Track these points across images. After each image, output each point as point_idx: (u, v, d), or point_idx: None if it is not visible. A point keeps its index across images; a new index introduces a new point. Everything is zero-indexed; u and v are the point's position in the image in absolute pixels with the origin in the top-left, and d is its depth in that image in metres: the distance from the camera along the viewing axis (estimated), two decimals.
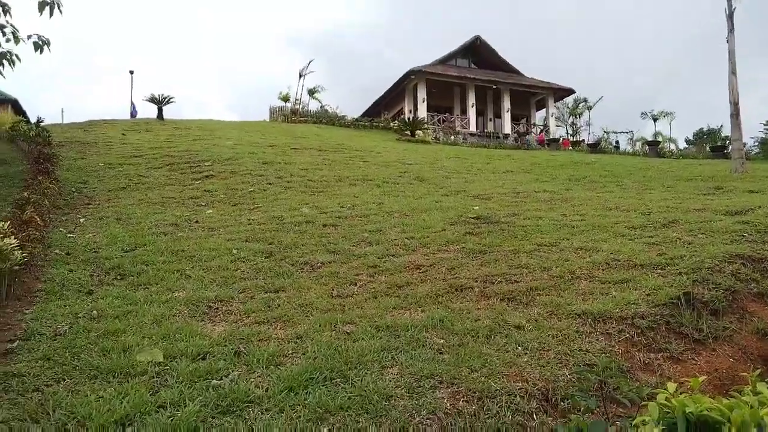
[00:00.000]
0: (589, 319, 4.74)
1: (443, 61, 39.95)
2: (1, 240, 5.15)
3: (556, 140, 35.66)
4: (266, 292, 5.81)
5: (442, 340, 4.36)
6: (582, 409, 3.38)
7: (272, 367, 3.99)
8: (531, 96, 42.29)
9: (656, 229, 7.68)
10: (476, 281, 5.80)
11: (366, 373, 3.82)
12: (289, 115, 35.93)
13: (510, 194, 11.47)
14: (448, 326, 4.63)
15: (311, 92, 39.29)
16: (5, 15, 11.43)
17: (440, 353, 4.15)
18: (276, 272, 6.47)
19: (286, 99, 38.30)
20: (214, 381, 3.76)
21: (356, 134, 28.97)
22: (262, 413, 3.35)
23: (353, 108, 76.96)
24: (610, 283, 5.58)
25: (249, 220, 9.21)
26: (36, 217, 7.61)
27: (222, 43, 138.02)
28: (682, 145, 48.38)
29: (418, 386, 3.65)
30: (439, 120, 37.57)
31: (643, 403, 2.64)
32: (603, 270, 5.99)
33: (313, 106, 39.10)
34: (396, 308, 5.17)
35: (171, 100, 29.47)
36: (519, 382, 3.74)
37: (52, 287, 5.93)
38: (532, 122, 42.79)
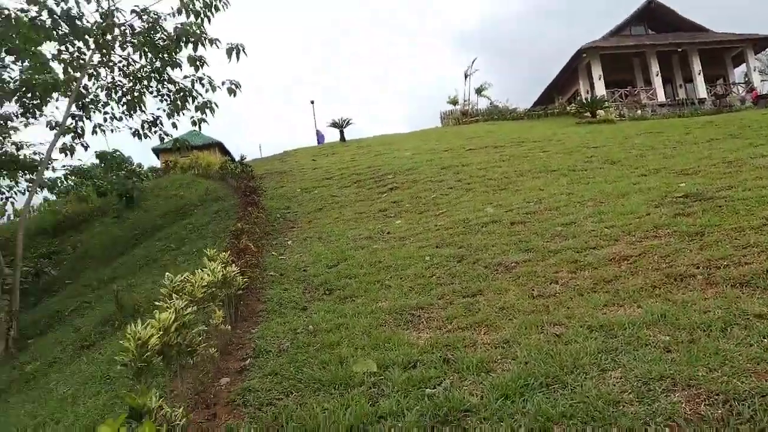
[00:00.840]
0: None
1: (616, 32, 36.97)
2: (224, 269, 5.77)
3: (765, 97, 30.96)
4: (464, 297, 5.78)
5: (667, 337, 3.92)
6: None
7: (483, 374, 3.92)
8: (725, 52, 37.22)
9: None
10: (698, 268, 5.15)
11: (585, 378, 3.56)
12: (460, 117, 36.00)
13: (720, 165, 10.13)
14: (672, 321, 4.16)
15: (479, 91, 38.95)
16: (202, 68, 13.08)
17: (668, 352, 3.73)
18: (471, 276, 6.42)
19: (454, 102, 38.50)
20: (428, 390, 3.79)
21: (530, 125, 28.02)
22: (480, 422, 3.29)
23: (524, 98, 74.87)
24: None
25: (436, 225, 9.32)
26: (250, 244, 8.49)
27: (393, 56, 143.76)
28: None
29: (647, 390, 3.30)
30: (620, 95, 34.81)
31: None
32: None
33: (482, 104, 38.72)
34: (607, 305, 4.79)
35: (350, 122, 31.34)
36: None
37: (272, 306, 6.54)
38: (731, 81, 37.66)
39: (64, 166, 15.97)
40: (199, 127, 13.98)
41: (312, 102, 50.04)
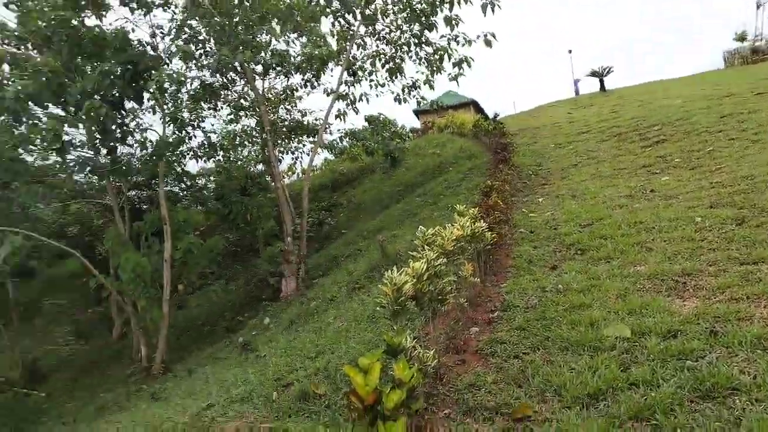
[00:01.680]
0: None
1: None
2: (473, 224, 5.95)
3: None
4: (741, 264, 5.10)
5: None
6: None
7: (759, 351, 3.48)
8: None
9: None
10: None
11: None
12: (749, 56, 30.58)
13: None
14: None
15: None
16: (457, 26, 13.34)
17: None
18: (752, 241, 5.60)
19: (742, 38, 32.89)
20: (689, 362, 3.51)
21: None
22: (751, 404, 2.95)
23: None
24: None
25: (711, 183, 8.25)
26: (499, 201, 8.59)
27: None
28: None
29: None
30: None
31: None
32: None
33: None
34: None
35: (611, 70, 29.07)
36: None
37: (520, 263, 6.60)
38: None
39: (338, 129, 18.06)
40: (457, 82, 14.42)
41: (570, 51, 47.45)
